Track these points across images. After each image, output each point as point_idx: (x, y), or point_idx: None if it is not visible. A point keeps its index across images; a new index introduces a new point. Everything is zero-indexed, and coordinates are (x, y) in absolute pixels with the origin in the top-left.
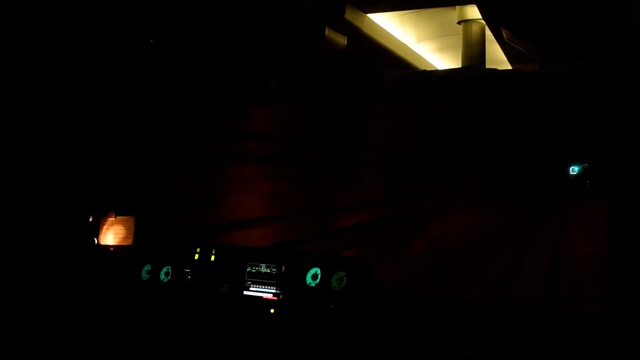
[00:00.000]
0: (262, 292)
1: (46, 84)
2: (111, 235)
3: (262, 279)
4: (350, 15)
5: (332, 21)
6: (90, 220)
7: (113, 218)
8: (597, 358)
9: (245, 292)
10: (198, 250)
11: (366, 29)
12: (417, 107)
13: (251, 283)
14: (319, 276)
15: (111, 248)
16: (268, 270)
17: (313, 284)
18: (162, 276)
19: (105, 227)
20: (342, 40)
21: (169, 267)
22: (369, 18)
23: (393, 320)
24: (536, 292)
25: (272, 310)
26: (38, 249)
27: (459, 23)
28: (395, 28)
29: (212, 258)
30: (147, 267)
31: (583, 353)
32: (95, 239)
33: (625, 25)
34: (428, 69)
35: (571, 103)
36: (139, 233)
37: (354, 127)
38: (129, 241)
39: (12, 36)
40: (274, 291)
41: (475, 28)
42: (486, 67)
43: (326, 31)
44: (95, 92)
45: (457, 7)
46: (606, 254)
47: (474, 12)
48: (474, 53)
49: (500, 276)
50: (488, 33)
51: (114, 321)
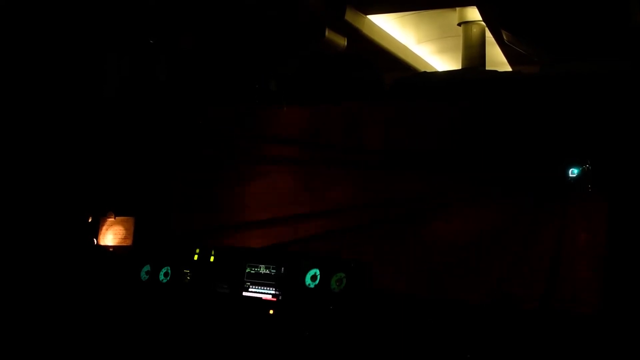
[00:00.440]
0: (262, 293)
1: (46, 84)
2: (110, 235)
3: (262, 280)
4: (350, 16)
5: (332, 22)
6: (89, 220)
7: (112, 218)
8: (598, 359)
9: (244, 293)
10: (197, 251)
11: (366, 30)
12: (417, 107)
13: (250, 284)
14: (319, 277)
15: (110, 248)
16: (267, 271)
17: (312, 285)
18: (162, 277)
19: (104, 228)
20: (342, 41)
21: (168, 268)
22: (369, 19)
23: (393, 320)
24: (536, 292)
25: (272, 311)
26: (37, 249)
27: (459, 25)
28: (395, 29)
29: (212, 259)
30: (147, 268)
31: (583, 353)
32: (94, 240)
33: (625, 26)
34: (428, 71)
35: (571, 104)
36: (139, 234)
37: (354, 127)
38: (129, 242)
39: (12, 36)
40: (273, 292)
41: (475, 30)
42: (486, 69)
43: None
44: (95, 92)
45: (457, 9)
46: (606, 254)
47: (474, 14)
48: (474, 55)
49: (500, 276)
50: (488, 35)
51: (114, 322)
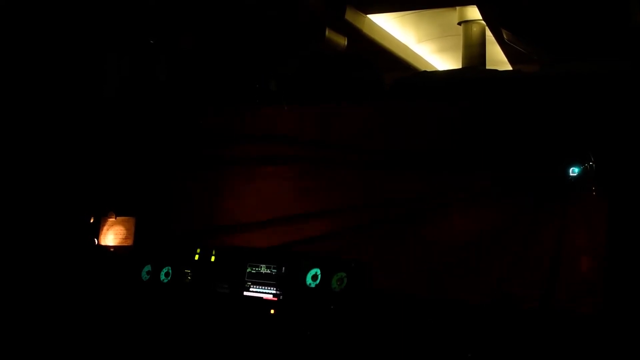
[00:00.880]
0: (262, 293)
1: (46, 84)
2: (111, 235)
3: (262, 280)
4: (350, 16)
5: (332, 22)
6: (91, 221)
7: (113, 218)
8: (598, 358)
9: (245, 293)
10: (198, 251)
11: (366, 30)
12: (417, 107)
13: (251, 284)
14: (319, 277)
15: (111, 248)
16: (268, 271)
17: (313, 285)
18: (162, 277)
19: (105, 228)
20: (343, 41)
21: (169, 268)
22: (369, 19)
23: (393, 320)
24: (536, 292)
25: (273, 310)
26: (38, 250)
27: (459, 24)
28: (395, 29)
29: (212, 259)
30: (147, 268)
31: (583, 353)
32: (95, 240)
33: (625, 26)
34: (428, 70)
35: (571, 104)
36: (139, 234)
37: (354, 127)
38: (129, 242)
39: (12, 36)
40: (274, 292)
41: (475, 29)
42: (486, 68)
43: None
44: (95, 92)
45: (458, 8)
46: (606, 254)
47: (474, 13)
48: (474, 54)
49: (500, 276)
50: (488, 34)
51: (115, 322)
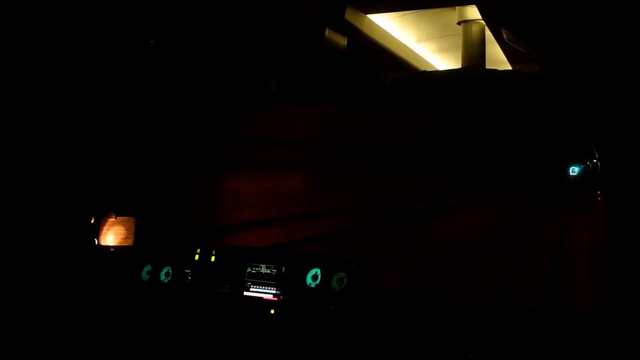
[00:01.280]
0: (263, 293)
1: (46, 84)
2: (111, 235)
3: (263, 280)
4: (350, 15)
5: (332, 22)
6: (92, 221)
7: (113, 219)
8: (598, 359)
9: (245, 293)
10: (198, 251)
11: (366, 30)
12: (417, 107)
13: (251, 284)
14: (319, 277)
15: (111, 248)
16: (268, 271)
17: (313, 285)
18: (163, 277)
19: (105, 228)
20: (342, 41)
21: (169, 268)
22: (369, 19)
23: (393, 320)
24: (536, 292)
25: (273, 310)
26: (38, 250)
27: (459, 24)
28: (395, 29)
29: (213, 259)
30: (148, 268)
31: (583, 353)
32: (95, 240)
33: (625, 26)
34: (428, 70)
35: (571, 104)
36: (140, 234)
37: (354, 127)
38: (130, 242)
39: (12, 36)
40: (274, 292)
41: (475, 28)
42: (486, 68)
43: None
44: (95, 92)
45: (457, 8)
46: (606, 254)
47: (474, 13)
48: (474, 53)
49: (500, 276)
50: (488, 33)
51: (115, 322)
